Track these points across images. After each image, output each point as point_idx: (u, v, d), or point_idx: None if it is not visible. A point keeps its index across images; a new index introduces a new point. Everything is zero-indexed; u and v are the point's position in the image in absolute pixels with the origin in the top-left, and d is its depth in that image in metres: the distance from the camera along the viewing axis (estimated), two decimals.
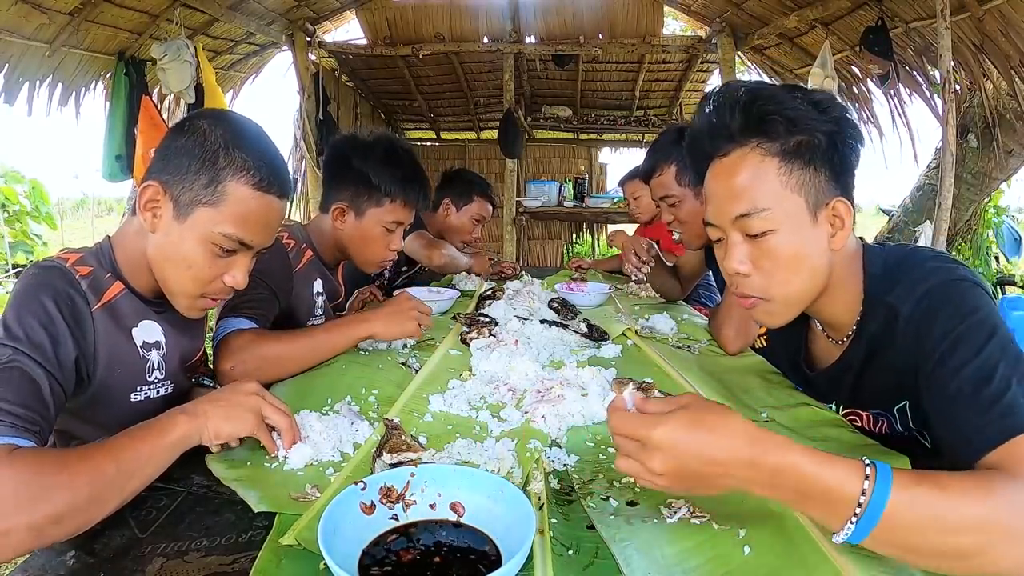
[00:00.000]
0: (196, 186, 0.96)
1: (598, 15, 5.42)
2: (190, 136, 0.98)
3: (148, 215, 0.98)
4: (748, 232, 0.91)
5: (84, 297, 0.92)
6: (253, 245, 1.02)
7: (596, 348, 1.54)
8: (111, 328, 0.97)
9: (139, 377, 1.03)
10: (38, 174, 8.03)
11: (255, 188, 0.99)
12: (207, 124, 0.99)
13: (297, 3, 4.79)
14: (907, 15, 3.52)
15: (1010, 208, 6.70)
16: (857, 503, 0.64)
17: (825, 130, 0.88)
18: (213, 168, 0.97)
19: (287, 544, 0.70)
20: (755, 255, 0.92)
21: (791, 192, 0.89)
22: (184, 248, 0.97)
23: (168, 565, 0.70)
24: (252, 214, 0.99)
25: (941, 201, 2.86)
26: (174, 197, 0.97)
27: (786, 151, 0.89)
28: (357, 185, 1.59)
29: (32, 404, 0.77)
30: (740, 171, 0.90)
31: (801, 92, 0.91)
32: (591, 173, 7.35)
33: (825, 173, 0.90)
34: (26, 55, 3.33)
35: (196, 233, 0.97)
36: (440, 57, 5.91)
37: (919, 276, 0.88)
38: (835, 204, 0.90)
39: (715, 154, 0.94)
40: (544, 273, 2.84)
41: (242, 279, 1.02)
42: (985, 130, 4.08)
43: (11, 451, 0.70)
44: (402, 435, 0.96)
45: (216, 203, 0.97)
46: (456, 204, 2.72)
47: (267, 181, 1.00)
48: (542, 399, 1.10)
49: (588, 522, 0.77)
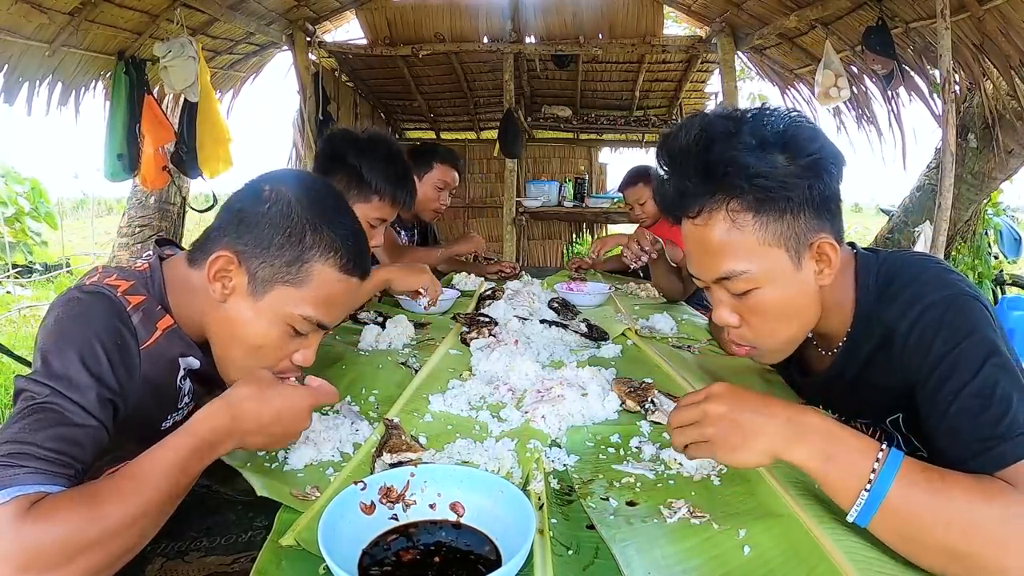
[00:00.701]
0: (278, 263, 0.89)
1: (598, 15, 5.42)
2: (273, 205, 0.90)
3: (218, 285, 0.90)
4: (731, 291, 0.90)
5: (133, 333, 0.84)
6: (329, 327, 0.96)
7: (596, 348, 1.54)
8: (158, 362, 0.90)
9: (171, 406, 0.97)
10: (38, 174, 8.02)
11: (341, 271, 0.92)
12: (293, 195, 0.92)
13: (297, 3, 4.79)
14: (907, 15, 3.52)
15: (1009, 208, 6.70)
16: (868, 479, 0.68)
17: (794, 179, 0.83)
18: (300, 246, 0.90)
19: (287, 545, 0.70)
20: (742, 310, 0.92)
21: (769, 247, 0.86)
22: (257, 327, 0.90)
23: (168, 565, 0.70)
24: (336, 297, 0.94)
25: (941, 201, 2.86)
26: (251, 271, 0.90)
27: (758, 202, 0.84)
28: (348, 178, 1.63)
29: (66, 449, 0.69)
30: (713, 233, 0.87)
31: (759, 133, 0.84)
32: (591, 173, 7.34)
33: (804, 213, 0.86)
34: (26, 55, 3.33)
35: (273, 313, 0.90)
36: (440, 57, 5.91)
37: (916, 293, 0.85)
38: (819, 244, 0.87)
39: (684, 215, 0.91)
40: (544, 273, 2.84)
41: (312, 358, 0.96)
42: (985, 130, 4.08)
43: (36, 502, 0.63)
44: (402, 435, 0.97)
45: (299, 284, 0.90)
46: (417, 175, 2.65)
47: (353, 263, 0.94)
48: (542, 399, 1.10)
49: (588, 522, 0.77)
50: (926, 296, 0.83)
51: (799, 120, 0.87)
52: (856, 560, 0.67)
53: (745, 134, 0.84)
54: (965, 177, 4.25)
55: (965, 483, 0.68)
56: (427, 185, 2.70)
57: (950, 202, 2.87)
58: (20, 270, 7.36)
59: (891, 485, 0.68)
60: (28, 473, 0.65)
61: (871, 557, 0.68)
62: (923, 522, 0.66)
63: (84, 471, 0.72)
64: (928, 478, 0.68)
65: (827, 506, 0.77)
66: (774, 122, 0.85)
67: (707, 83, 6.61)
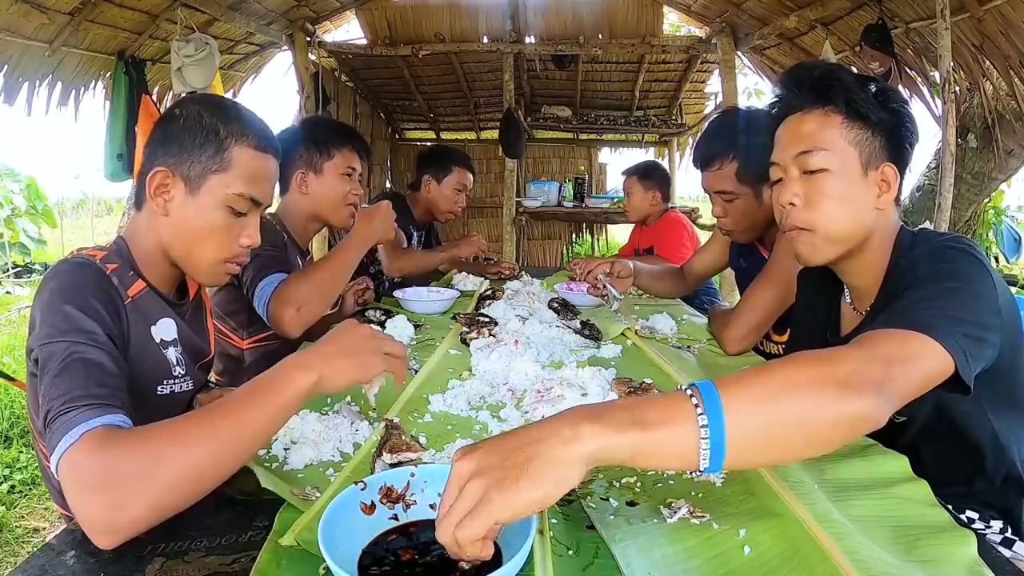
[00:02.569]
0: (204, 158, 1.04)
1: (598, 15, 5.42)
2: (186, 119, 1.06)
3: (160, 200, 1.04)
4: (805, 168, 1.02)
5: (117, 291, 0.98)
6: (261, 201, 1.12)
7: (596, 348, 1.54)
8: (138, 322, 1.02)
9: (164, 371, 1.09)
10: (37, 174, 8.02)
11: (256, 150, 1.09)
12: (197, 106, 1.08)
13: (297, 3, 4.79)
14: (907, 15, 3.52)
15: (1010, 208, 6.70)
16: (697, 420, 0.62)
17: (878, 111, 1.00)
18: (216, 139, 1.05)
19: (287, 545, 0.70)
20: (808, 190, 1.03)
21: (848, 144, 1.00)
22: (203, 217, 1.05)
23: (168, 565, 0.70)
24: (258, 172, 1.10)
25: (941, 201, 2.86)
26: (184, 175, 1.04)
27: (847, 113, 1.00)
28: (308, 150, 1.80)
29: (105, 382, 0.80)
30: (807, 122, 1.03)
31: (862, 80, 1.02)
32: (591, 173, 7.34)
33: (880, 141, 1.01)
34: (26, 55, 3.33)
35: (212, 199, 1.05)
36: (440, 57, 5.91)
37: (930, 239, 0.99)
38: (884, 168, 1.01)
39: (791, 112, 1.06)
40: (544, 273, 2.84)
41: (256, 237, 1.12)
42: (985, 130, 4.08)
43: (110, 432, 0.72)
44: (402, 435, 0.96)
45: (226, 168, 1.06)
46: (436, 178, 2.74)
47: (264, 143, 1.11)
48: (542, 399, 1.10)
49: (588, 522, 0.77)
50: (935, 240, 0.97)
51: (898, 94, 1.04)
52: (856, 560, 0.67)
53: (852, 75, 1.02)
54: (965, 177, 4.25)
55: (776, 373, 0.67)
56: (447, 187, 2.73)
57: (950, 202, 2.87)
58: (19, 270, 7.36)
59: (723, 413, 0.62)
60: (85, 411, 0.73)
61: (871, 557, 0.68)
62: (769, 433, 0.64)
63: (126, 400, 0.81)
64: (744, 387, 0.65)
65: (827, 506, 0.77)
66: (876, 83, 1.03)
67: (707, 83, 6.61)
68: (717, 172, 1.64)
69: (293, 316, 1.43)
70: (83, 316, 0.86)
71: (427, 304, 1.97)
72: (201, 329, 1.24)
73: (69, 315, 0.85)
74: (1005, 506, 1.03)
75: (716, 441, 0.62)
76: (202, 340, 1.22)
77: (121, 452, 0.69)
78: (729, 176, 1.61)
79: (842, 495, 0.83)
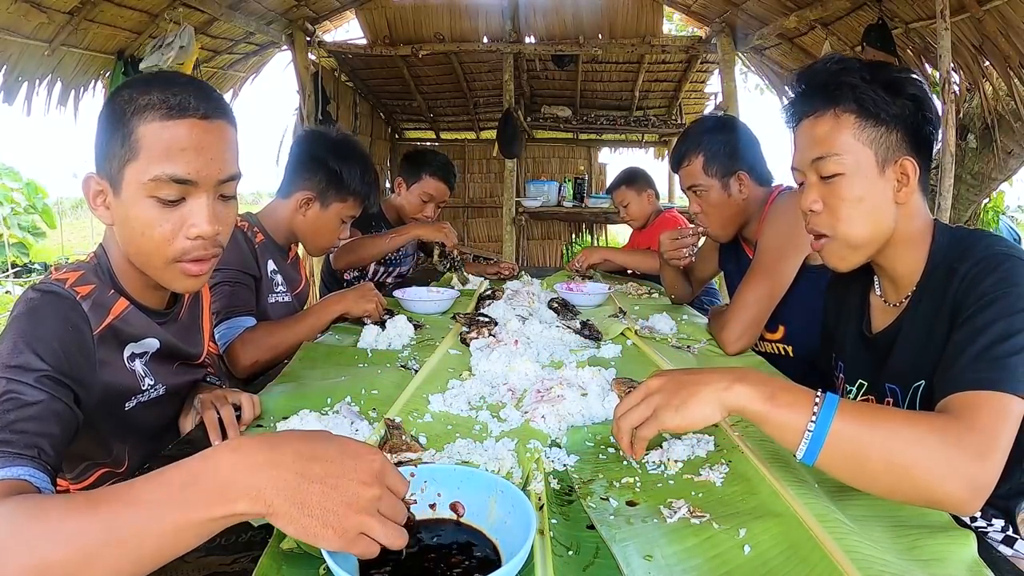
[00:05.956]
0: (116, 151, 0.91)
1: (598, 15, 5.42)
2: (100, 113, 0.95)
3: (101, 209, 0.96)
4: (821, 174, 1.04)
5: (87, 322, 0.91)
6: (190, 179, 0.91)
7: (596, 348, 1.54)
8: (110, 350, 0.97)
9: (133, 389, 1.03)
10: (37, 173, 8.03)
11: (164, 118, 0.90)
12: (118, 93, 0.94)
13: (297, 3, 4.79)
14: (906, 15, 3.52)
15: (1010, 208, 6.70)
16: (811, 415, 0.76)
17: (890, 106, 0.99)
18: (122, 123, 0.90)
19: (287, 549, 0.70)
20: (826, 195, 1.04)
21: (863, 145, 1.01)
22: (132, 214, 0.92)
23: (168, 565, 0.69)
24: (172, 143, 0.90)
25: (941, 201, 2.86)
26: (108, 176, 0.93)
27: (859, 112, 1.01)
28: (328, 180, 1.76)
29: (25, 427, 0.73)
30: (819, 125, 1.04)
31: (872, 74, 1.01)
32: (591, 173, 7.34)
33: (897, 135, 1.00)
34: (25, 54, 3.32)
35: (133, 194, 0.91)
36: (440, 57, 5.91)
37: (987, 244, 0.96)
38: (902, 162, 1.00)
39: (803, 116, 1.08)
40: (544, 273, 2.84)
41: (205, 224, 0.93)
42: (984, 131, 4.08)
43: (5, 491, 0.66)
44: (402, 435, 0.96)
45: (136, 153, 0.90)
46: (407, 182, 2.73)
47: (178, 106, 0.90)
48: (542, 399, 1.10)
49: (588, 522, 0.77)
50: (995, 247, 0.95)
51: (914, 79, 1.03)
52: (856, 560, 0.67)
53: (862, 72, 1.01)
54: (965, 177, 4.25)
55: (900, 414, 0.78)
56: (412, 194, 2.72)
57: (950, 202, 2.88)
58: (19, 270, 7.36)
59: (833, 418, 0.75)
60: None
61: (871, 557, 0.68)
62: (867, 451, 0.75)
63: (55, 452, 0.76)
64: (865, 409, 0.78)
65: (827, 506, 0.77)
66: (889, 72, 1.03)
67: (707, 83, 6.62)
68: (687, 168, 1.77)
69: (247, 367, 1.52)
70: (32, 355, 0.79)
71: (427, 304, 1.97)
72: (194, 329, 1.20)
73: (18, 350, 0.80)
74: (1007, 505, 1.03)
75: (816, 438, 0.76)
76: (192, 344, 1.18)
77: None
78: (697, 170, 1.75)
79: (842, 495, 0.83)
